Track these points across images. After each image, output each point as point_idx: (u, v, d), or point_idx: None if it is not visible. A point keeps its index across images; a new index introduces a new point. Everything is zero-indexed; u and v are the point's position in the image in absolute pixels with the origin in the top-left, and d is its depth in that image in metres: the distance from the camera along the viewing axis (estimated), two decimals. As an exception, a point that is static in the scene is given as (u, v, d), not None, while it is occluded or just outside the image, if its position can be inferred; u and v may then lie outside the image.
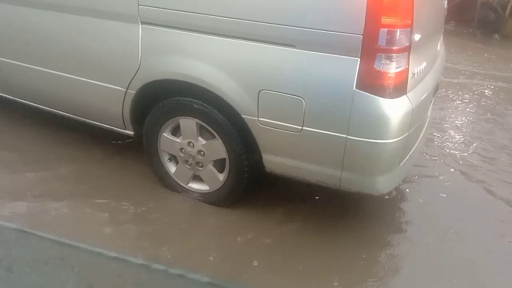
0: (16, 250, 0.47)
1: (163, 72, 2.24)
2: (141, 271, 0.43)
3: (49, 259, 0.46)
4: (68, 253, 0.46)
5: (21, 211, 2.30)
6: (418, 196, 2.76)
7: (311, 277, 2.06)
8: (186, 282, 0.41)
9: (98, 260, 0.46)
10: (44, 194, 2.49)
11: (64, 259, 0.46)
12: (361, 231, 2.42)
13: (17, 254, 0.47)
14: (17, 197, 2.43)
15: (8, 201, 2.39)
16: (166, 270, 0.42)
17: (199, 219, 2.43)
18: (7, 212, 2.28)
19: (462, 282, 2.07)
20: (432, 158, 3.24)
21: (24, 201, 2.40)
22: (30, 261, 0.47)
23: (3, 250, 0.47)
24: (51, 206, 2.39)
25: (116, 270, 0.45)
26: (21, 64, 2.70)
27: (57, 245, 0.47)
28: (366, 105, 1.90)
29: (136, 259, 0.44)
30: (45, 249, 0.47)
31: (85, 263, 0.46)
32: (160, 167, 2.56)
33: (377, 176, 2.07)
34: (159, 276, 0.42)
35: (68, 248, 0.46)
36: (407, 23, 1.88)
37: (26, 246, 0.48)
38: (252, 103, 2.08)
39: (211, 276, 0.42)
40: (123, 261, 0.44)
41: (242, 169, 2.31)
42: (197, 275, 0.42)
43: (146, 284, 0.42)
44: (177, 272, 0.42)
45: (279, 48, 1.99)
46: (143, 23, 2.22)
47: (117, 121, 2.53)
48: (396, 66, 1.90)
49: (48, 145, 3.00)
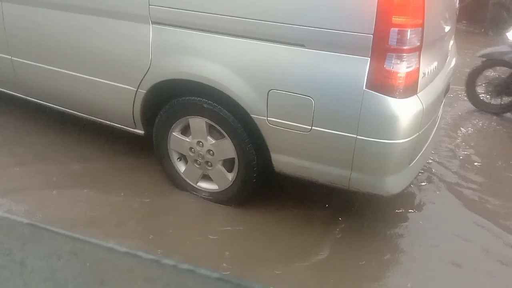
0: (29, 244, 0.48)
1: (173, 72, 2.26)
2: (152, 266, 0.44)
3: (62, 254, 0.47)
4: (80, 248, 0.47)
5: (33, 205, 2.35)
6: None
7: (315, 274, 2.07)
8: (196, 277, 0.42)
9: (109, 255, 0.47)
10: (57, 188, 2.54)
11: (77, 254, 0.47)
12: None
13: (30, 249, 0.48)
14: (29, 192, 2.49)
15: (20, 196, 2.44)
16: (176, 265, 0.43)
17: (208, 218, 2.44)
18: (20, 207, 2.35)
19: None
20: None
21: (35, 196, 2.46)
22: (43, 255, 0.48)
23: (16, 245, 0.48)
24: (63, 202, 2.44)
25: (127, 265, 0.46)
26: (33, 64, 2.74)
27: (70, 240, 0.48)
28: (376, 105, 1.89)
29: (147, 254, 0.45)
30: (58, 244, 0.48)
31: (97, 258, 0.47)
32: (170, 166, 2.57)
33: (387, 176, 2.06)
34: (170, 271, 0.43)
35: (80, 243, 0.47)
36: (418, 23, 1.87)
37: (39, 241, 0.49)
38: (261, 102, 2.08)
39: (220, 271, 0.43)
40: (134, 256, 0.45)
41: (251, 168, 2.31)
42: (207, 270, 0.42)
43: (157, 279, 0.43)
44: (188, 267, 0.42)
45: (288, 47, 1.99)
46: (153, 23, 2.24)
47: (127, 120, 2.55)
48: (406, 66, 1.89)
49: (61, 142, 3.03)
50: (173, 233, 2.29)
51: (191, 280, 0.50)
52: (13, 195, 2.46)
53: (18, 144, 3.00)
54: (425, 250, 2.30)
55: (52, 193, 2.51)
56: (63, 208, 2.40)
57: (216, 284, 0.50)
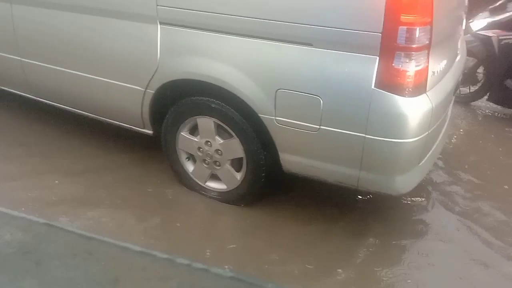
0: (45, 244, 0.49)
1: (181, 72, 2.26)
2: (165, 265, 0.44)
3: (77, 253, 0.48)
4: (95, 247, 0.48)
5: (47, 204, 2.36)
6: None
7: (318, 273, 2.08)
8: (209, 275, 0.42)
9: (123, 254, 0.47)
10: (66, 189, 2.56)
11: (91, 253, 0.47)
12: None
13: (46, 248, 0.49)
14: (44, 190, 2.52)
15: (36, 195, 2.46)
16: (189, 264, 0.43)
17: (217, 218, 2.44)
18: (36, 207, 2.37)
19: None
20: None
21: (48, 193, 2.48)
22: (59, 254, 0.49)
23: (32, 244, 0.48)
24: (73, 203, 2.43)
25: (140, 264, 0.46)
26: (42, 65, 2.76)
27: (85, 239, 0.48)
28: (385, 104, 1.88)
29: (161, 253, 0.45)
30: (73, 243, 0.48)
31: (111, 257, 0.47)
32: (178, 166, 2.58)
33: (396, 176, 2.05)
34: (183, 270, 0.43)
35: (95, 242, 0.48)
36: (426, 21, 1.86)
37: (54, 240, 0.49)
38: (269, 102, 2.08)
39: (233, 271, 0.43)
40: (147, 255, 0.45)
41: (259, 168, 2.31)
42: (220, 269, 0.42)
43: (170, 278, 0.43)
44: (201, 266, 0.43)
45: (296, 47, 1.99)
46: (161, 24, 2.25)
47: (136, 121, 2.56)
48: (415, 64, 1.87)
49: (68, 143, 3.06)
50: (181, 233, 2.30)
51: (204, 279, 0.51)
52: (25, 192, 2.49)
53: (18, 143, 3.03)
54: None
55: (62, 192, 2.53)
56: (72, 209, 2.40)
57: (229, 283, 0.51)
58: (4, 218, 0.50)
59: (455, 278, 2.09)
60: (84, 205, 2.40)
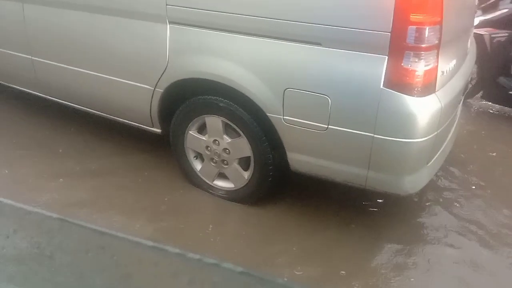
0: (58, 238, 0.50)
1: (190, 71, 2.27)
2: (177, 260, 0.45)
3: (90, 248, 0.49)
4: (108, 242, 0.49)
5: (59, 201, 2.45)
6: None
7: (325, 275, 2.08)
8: (220, 270, 0.43)
9: (135, 249, 0.48)
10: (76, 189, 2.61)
11: (104, 247, 0.49)
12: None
13: (59, 243, 0.50)
14: (58, 188, 2.59)
15: (49, 192, 2.53)
16: (201, 259, 0.44)
17: (224, 216, 2.46)
18: (50, 203, 2.42)
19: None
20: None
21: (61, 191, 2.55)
22: (72, 249, 0.50)
23: (46, 239, 0.50)
24: (86, 199, 2.51)
25: (153, 259, 0.47)
26: (53, 64, 2.79)
27: (98, 234, 0.49)
28: (394, 104, 1.88)
29: (173, 248, 0.46)
30: (86, 238, 0.50)
31: (124, 252, 0.48)
32: (186, 164, 2.60)
33: (404, 175, 2.04)
34: (194, 265, 0.44)
35: (108, 237, 0.49)
36: (436, 21, 1.85)
37: (68, 235, 0.50)
38: (277, 101, 2.08)
39: (244, 266, 0.44)
40: (159, 250, 0.46)
41: (266, 167, 2.32)
42: (231, 264, 0.43)
43: (182, 273, 0.44)
44: (212, 261, 0.44)
45: (305, 46, 1.99)
46: (170, 23, 2.26)
47: (145, 119, 2.58)
48: (424, 64, 1.87)
49: (77, 141, 3.08)
50: (188, 231, 2.32)
51: (215, 274, 0.52)
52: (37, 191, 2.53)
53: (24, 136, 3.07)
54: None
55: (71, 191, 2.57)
56: (85, 204, 2.46)
57: (239, 278, 0.51)
58: (18, 212, 0.51)
59: (463, 285, 2.08)
60: (93, 206, 2.45)
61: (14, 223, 0.59)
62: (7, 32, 2.93)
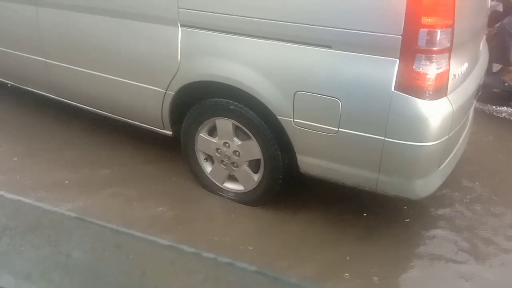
0: (75, 237, 0.51)
1: (201, 74, 2.29)
2: (192, 259, 0.46)
3: (106, 247, 0.50)
4: (124, 241, 0.49)
5: (76, 201, 2.49)
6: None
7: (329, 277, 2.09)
8: (234, 269, 0.43)
9: (151, 248, 0.49)
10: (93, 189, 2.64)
11: (120, 246, 0.49)
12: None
13: (77, 241, 0.51)
14: (71, 188, 2.63)
15: (66, 191, 2.58)
16: (216, 258, 0.44)
17: (234, 219, 2.46)
18: (68, 204, 2.47)
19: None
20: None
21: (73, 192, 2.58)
22: (88, 248, 0.51)
23: (63, 237, 0.51)
24: (100, 201, 2.53)
25: (168, 257, 0.47)
26: (66, 66, 2.83)
27: (114, 233, 0.50)
28: (405, 107, 1.87)
29: (188, 247, 0.46)
30: (103, 237, 0.50)
31: (139, 251, 0.49)
32: (196, 166, 2.61)
33: (415, 179, 2.03)
34: (209, 264, 0.45)
35: (124, 236, 0.49)
36: (448, 23, 1.85)
37: (85, 234, 0.51)
38: (287, 104, 2.09)
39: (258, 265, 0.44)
40: (175, 249, 0.46)
41: (276, 170, 2.32)
42: (245, 264, 0.44)
43: (197, 272, 0.44)
44: (227, 261, 0.44)
45: (315, 49, 1.99)
46: (182, 26, 2.28)
47: (156, 122, 2.60)
48: (436, 67, 1.86)
49: (91, 145, 3.12)
50: (199, 233, 2.33)
51: (229, 273, 0.52)
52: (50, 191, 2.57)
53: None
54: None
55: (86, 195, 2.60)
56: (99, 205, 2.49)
57: (253, 277, 0.52)
58: (37, 211, 0.52)
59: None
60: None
61: (32, 222, 0.60)
62: (21, 35, 2.98)
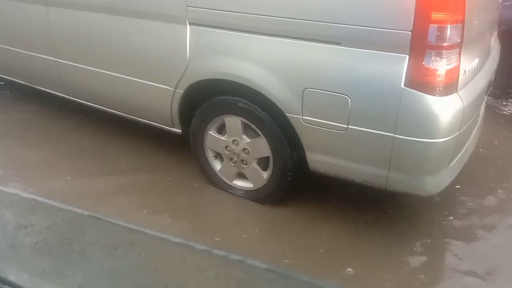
0: (89, 235, 0.52)
1: (210, 72, 2.30)
2: (203, 256, 0.46)
3: (119, 244, 0.50)
4: (136, 239, 0.50)
5: (85, 198, 2.52)
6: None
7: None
8: (245, 266, 0.44)
9: (163, 245, 0.50)
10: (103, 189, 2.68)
11: (133, 244, 0.50)
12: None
13: (90, 239, 0.52)
14: (86, 186, 2.67)
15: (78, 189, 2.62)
16: (226, 256, 0.45)
17: (244, 216, 2.47)
18: (79, 201, 2.50)
19: None
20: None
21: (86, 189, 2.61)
22: (102, 245, 0.52)
23: (77, 235, 0.52)
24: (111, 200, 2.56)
25: (180, 255, 0.48)
26: (76, 65, 2.86)
27: (127, 231, 0.50)
28: (415, 103, 1.86)
29: (200, 245, 0.47)
30: (116, 235, 0.51)
31: (152, 248, 0.50)
32: (206, 164, 2.62)
33: (425, 176, 2.02)
34: (220, 261, 0.45)
35: (137, 233, 0.50)
36: (458, 19, 1.83)
37: (98, 232, 0.52)
38: (296, 101, 2.09)
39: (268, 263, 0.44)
40: (187, 246, 0.47)
41: (285, 167, 2.32)
42: (255, 261, 0.44)
43: (208, 269, 0.45)
44: (237, 258, 0.44)
45: (324, 46, 1.99)
46: (191, 24, 2.29)
47: (165, 120, 2.62)
48: (446, 63, 1.84)
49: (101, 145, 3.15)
50: (208, 230, 2.34)
51: (240, 270, 0.53)
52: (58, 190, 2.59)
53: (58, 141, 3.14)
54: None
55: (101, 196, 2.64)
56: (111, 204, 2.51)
57: (263, 274, 0.52)
58: (52, 210, 0.53)
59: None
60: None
61: (47, 220, 0.62)
62: (32, 35, 3.02)
